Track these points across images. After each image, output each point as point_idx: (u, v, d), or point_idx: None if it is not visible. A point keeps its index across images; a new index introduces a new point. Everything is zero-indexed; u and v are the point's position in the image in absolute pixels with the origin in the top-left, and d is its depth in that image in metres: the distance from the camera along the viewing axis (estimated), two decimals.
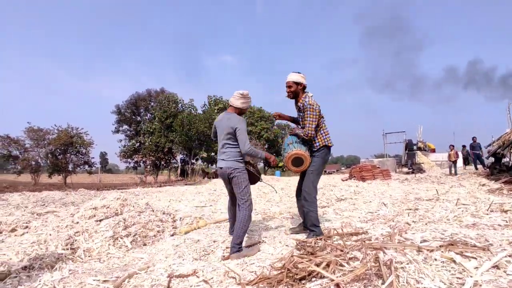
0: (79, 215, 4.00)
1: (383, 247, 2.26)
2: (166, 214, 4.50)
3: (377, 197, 6.07)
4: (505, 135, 9.56)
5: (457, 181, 8.92)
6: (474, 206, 4.07)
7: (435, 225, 3.28)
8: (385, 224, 3.60)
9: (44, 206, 6.97)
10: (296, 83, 3.20)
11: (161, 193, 10.88)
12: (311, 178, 3.20)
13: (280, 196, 7.39)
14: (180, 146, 26.75)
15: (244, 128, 3.00)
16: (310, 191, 3.18)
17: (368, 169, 11.83)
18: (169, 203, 7.49)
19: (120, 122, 31.55)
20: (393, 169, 17.28)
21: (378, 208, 4.84)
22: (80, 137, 21.28)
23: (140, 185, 18.36)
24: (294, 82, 3.20)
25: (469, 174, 12.01)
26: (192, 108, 30.02)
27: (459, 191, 5.86)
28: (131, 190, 13.04)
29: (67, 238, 3.30)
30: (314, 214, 3.13)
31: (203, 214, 5.35)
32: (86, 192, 11.42)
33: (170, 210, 5.91)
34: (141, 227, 3.78)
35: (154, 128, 28.84)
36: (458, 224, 3.31)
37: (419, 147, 22.00)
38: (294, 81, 3.20)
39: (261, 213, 5.23)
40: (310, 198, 3.16)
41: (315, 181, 3.22)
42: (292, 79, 3.21)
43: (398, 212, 4.33)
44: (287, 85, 3.24)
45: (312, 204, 3.15)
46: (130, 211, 4.20)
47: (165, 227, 4.05)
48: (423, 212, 4.03)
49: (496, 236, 2.66)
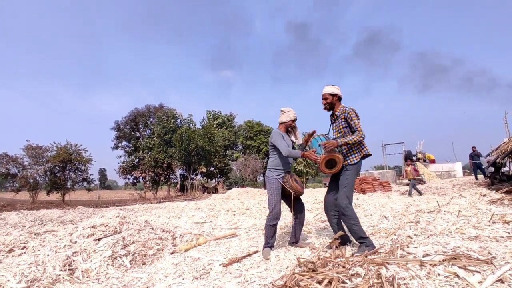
0: (77, 234, 3.95)
1: (385, 263, 2.23)
2: (165, 232, 4.45)
3: (378, 210, 6.03)
4: (504, 144, 9.58)
5: (458, 192, 8.88)
6: (476, 218, 4.04)
7: (437, 238, 3.25)
8: (386, 238, 3.56)
9: (42, 225, 6.89)
10: (332, 94, 3.27)
11: (161, 209, 10.78)
12: (345, 192, 3.11)
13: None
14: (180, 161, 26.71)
15: (277, 138, 3.40)
16: (347, 205, 3.09)
17: (368, 182, 11.80)
18: (168, 219, 7.42)
19: (119, 138, 31.62)
20: (393, 180, 17.23)
21: (379, 221, 4.80)
22: (79, 154, 21.28)
23: (139, 201, 18.22)
24: (330, 94, 3.27)
25: (470, 184, 11.97)
26: (191, 123, 30.17)
27: (460, 202, 5.82)
28: (130, 206, 12.92)
29: (65, 258, 3.25)
30: (357, 227, 3.03)
31: (203, 231, 5.30)
32: (85, 210, 11.31)
33: (170, 227, 5.87)
34: (141, 245, 3.73)
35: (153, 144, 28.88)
36: (460, 237, 3.28)
37: (419, 158, 21.99)
38: (330, 93, 3.27)
39: (261, 228, 5.17)
40: (349, 211, 3.07)
41: (350, 195, 3.13)
42: (328, 92, 3.28)
43: (399, 225, 4.30)
44: (323, 97, 3.30)
45: (352, 217, 3.06)
46: (129, 229, 4.16)
47: (165, 245, 4.00)
48: (425, 225, 3.99)
49: (499, 249, 2.64)
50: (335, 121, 3.33)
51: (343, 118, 3.19)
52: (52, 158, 19.86)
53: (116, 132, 31.52)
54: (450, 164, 21.96)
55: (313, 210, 6.92)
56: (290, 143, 3.51)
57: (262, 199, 10.98)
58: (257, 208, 8.21)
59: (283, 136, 3.44)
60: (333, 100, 3.27)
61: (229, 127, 34.95)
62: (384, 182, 12.38)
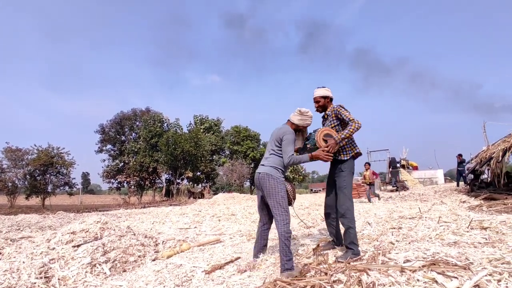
0: (55, 240, 3.82)
1: (367, 269, 2.25)
2: (148, 238, 4.37)
3: (362, 216, 6.09)
4: (482, 152, 9.90)
5: (439, 198, 9.10)
6: (455, 224, 4.14)
7: (418, 244, 3.30)
8: (369, 244, 3.60)
9: (19, 231, 6.65)
10: (323, 97, 3.30)
11: (145, 214, 10.58)
12: (346, 194, 3.12)
13: None
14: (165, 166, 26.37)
15: (290, 139, 2.92)
16: (349, 206, 3.09)
17: (353, 188, 11.90)
18: (152, 225, 7.28)
19: (104, 141, 31.04)
20: (377, 187, 17.49)
21: (363, 227, 4.84)
22: (61, 157, 20.73)
23: (123, 206, 17.86)
24: (322, 96, 3.29)
25: (450, 191, 12.29)
26: (177, 127, 29.90)
27: (441, 208, 5.95)
28: (113, 211, 12.64)
29: (41, 265, 3.14)
30: (354, 231, 3.04)
31: (187, 237, 5.22)
32: (65, 215, 11.00)
33: (153, 232, 5.76)
34: (121, 252, 3.64)
35: (138, 148, 28.46)
36: (440, 243, 3.34)
37: (403, 165, 22.46)
38: (321, 96, 3.29)
39: (246, 235, 5.14)
40: (350, 214, 3.07)
41: (350, 196, 3.16)
42: (319, 94, 3.30)
43: (382, 231, 4.35)
44: (315, 100, 3.31)
45: (352, 220, 3.06)
46: (110, 235, 4.06)
47: (147, 252, 3.92)
48: (407, 231, 4.05)
49: (477, 254, 2.70)
50: (325, 121, 3.38)
51: (334, 116, 3.23)
52: (33, 161, 19.26)
53: (100, 135, 30.93)
54: (432, 171, 22.54)
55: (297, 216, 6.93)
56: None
57: (248, 205, 10.93)
58: (242, 213, 8.16)
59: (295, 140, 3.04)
60: (325, 102, 3.31)
61: (216, 132, 34.82)
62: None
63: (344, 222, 3.08)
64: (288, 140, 2.90)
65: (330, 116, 3.28)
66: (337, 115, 3.20)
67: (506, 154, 8.45)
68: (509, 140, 8.62)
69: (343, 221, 3.10)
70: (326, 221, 3.49)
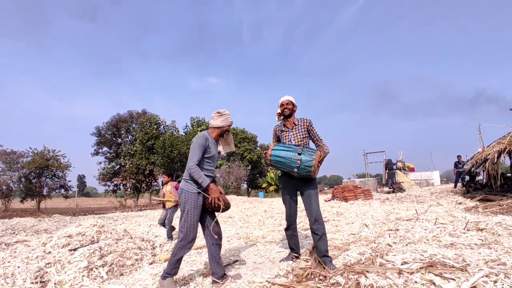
0: (51, 244, 3.79)
1: (365, 271, 2.26)
2: (145, 241, 4.34)
3: (359, 218, 6.11)
4: (478, 154, 9.98)
5: (436, 200, 9.15)
6: (452, 225, 4.16)
7: (415, 245, 3.32)
8: (367, 246, 3.61)
9: (14, 235, 6.58)
10: (293, 103, 3.37)
11: (141, 217, 10.53)
12: (317, 201, 3.14)
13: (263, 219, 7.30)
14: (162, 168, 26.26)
15: (196, 143, 2.75)
16: (320, 213, 3.10)
17: (350, 190, 11.94)
18: (149, 228, 7.25)
19: (100, 144, 30.86)
20: (374, 188, 17.55)
21: (360, 229, 4.87)
22: (56, 160, 20.59)
23: (120, 209, 17.76)
24: (292, 102, 3.36)
25: (447, 192, 12.36)
26: (174, 129, 29.83)
27: (437, 210, 5.99)
28: (109, 214, 12.57)
29: (37, 270, 3.10)
30: (326, 238, 3.04)
31: None
32: (61, 218, 10.92)
33: (150, 236, 5.73)
34: (118, 255, 3.62)
35: (135, 150, 28.32)
36: (437, 244, 3.36)
37: (399, 168, 22.57)
38: (292, 102, 3.37)
39: (243, 237, 5.13)
40: (322, 220, 3.07)
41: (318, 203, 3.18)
42: (291, 99, 3.36)
43: (379, 233, 4.37)
44: (287, 103, 3.34)
45: (324, 227, 3.06)
46: (107, 238, 4.03)
47: (144, 255, 3.90)
48: (404, 233, 4.07)
49: (473, 256, 2.72)
50: (290, 130, 3.33)
51: (305, 128, 3.29)
52: (28, 164, 19.10)
53: (96, 138, 30.76)
54: (429, 172, 22.67)
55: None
56: (217, 155, 2.98)
57: (245, 207, 10.92)
58: (240, 216, 8.15)
59: (209, 145, 2.82)
60: (293, 108, 3.37)
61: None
62: (366, 190, 12.58)
63: (319, 230, 3.00)
64: (193, 145, 2.76)
65: (298, 126, 3.31)
66: (308, 128, 3.30)
67: (501, 156, 8.52)
68: (504, 141, 8.70)
69: (317, 228, 3.00)
70: (288, 234, 3.42)
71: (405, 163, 24.35)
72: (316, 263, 2.92)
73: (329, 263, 2.89)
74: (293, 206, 3.35)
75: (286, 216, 3.40)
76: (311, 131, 3.31)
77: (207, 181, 2.67)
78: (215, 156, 2.92)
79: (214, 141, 2.95)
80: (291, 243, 3.42)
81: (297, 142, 3.25)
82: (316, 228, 3.00)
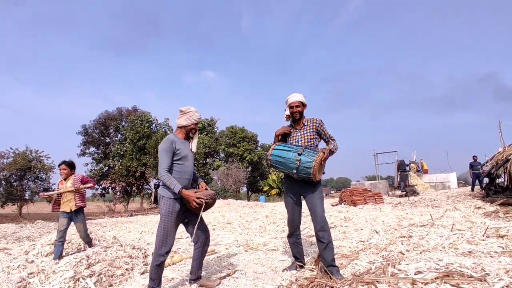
0: (34, 252, 3.81)
1: (375, 282, 2.26)
2: (136, 249, 4.36)
3: (369, 223, 6.12)
4: (498, 154, 9.97)
5: (452, 204, 9.15)
6: (470, 232, 4.17)
7: (430, 253, 3.33)
8: (377, 254, 3.62)
9: None
10: (303, 103, 3.33)
11: (132, 223, 10.56)
12: (322, 206, 3.12)
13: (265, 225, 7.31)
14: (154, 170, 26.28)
15: (161, 150, 2.82)
16: (326, 219, 3.08)
17: (359, 193, 11.95)
18: (140, 235, 7.26)
19: (87, 143, 30.93)
20: (385, 192, 17.56)
21: (370, 236, 4.87)
22: (39, 161, 20.65)
23: (108, 214, 17.80)
24: (302, 102, 3.32)
25: (464, 196, 12.36)
26: (167, 128, 29.85)
27: (454, 215, 5.99)
28: (97, 220, 12.60)
29: (19, 281, 3.12)
30: (333, 246, 3.04)
31: (178, 248, 5.20)
32: (45, 224, 10.94)
33: (142, 243, 5.74)
34: (107, 265, 3.63)
35: (125, 151, 28.35)
36: (453, 252, 3.37)
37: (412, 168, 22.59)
38: (302, 102, 3.32)
39: (243, 245, 5.14)
40: (328, 227, 3.05)
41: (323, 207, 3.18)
42: (300, 100, 3.31)
43: (391, 240, 4.37)
44: (296, 105, 3.29)
45: (330, 234, 3.06)
46: (94, 246, 4.05)
47: (135, 264, 3.91)
48: (417, 240, 4.08)
49: (493, 265, 2.72)
50: (298, 130, 3.33)
51: (314, 128, 3.28)
52: (8, 166, 19.14)
53: (83, 137, 30.83)
54: (445, 174, 22.66)
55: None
56: (190, 153, 3.02)
57: (244, 212, 10.94)
58: (239, 222, 8.16)
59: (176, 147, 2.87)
60: (303, 109, 3.35)
61: (209, 133, 34.81)
62: (376, 194, 12.58)
63: (324, 236, 2.98)
64: (160, 151, 2.83)
65: (307, 126, 3.30)
66: (318, 129, 3.28)
67: None
68: None
69: (323, 235, 2.98)
70: (291, 241, 3.40)
71: (421, 161, 24.33)
72: (322, 272, 2.92)
73: (336, 272, 2.89)
74: (296, 211, 3.33)
75: (288, 222, 3.37)
76: (321, 131, 3.28)
77: (179, 186, 2.73)
78: (188, 156, 2.97)
79: (183, 141, 3.01)
80: (295, 251, 3.42)
81: (304, 143, 3.25)
82: (322, 235, 2.99)
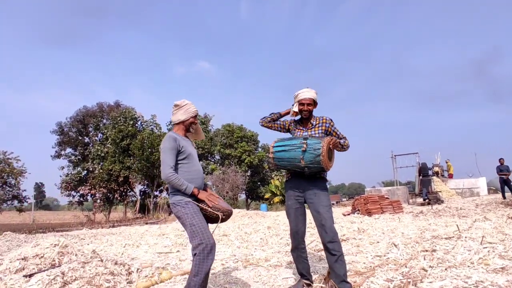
0: (2, 268, 3.81)
1: None
2: (119, 265, 4.34)
3: (386, 236, 6.12)
4: None
5: (482, 213, 9.14)
6: (503, 245, 4.17)
7: (457, 270, 3.32)
8: (396, 271, 3.61)
9: None
10: (315, 102, 3.35)
11: (114, 235, 10.56)
12: (330, 214, 3.11)
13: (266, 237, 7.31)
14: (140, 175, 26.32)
15: (164, 148, 2.82)
16: (335, 228, 3.07)
17: (374, 201, 11.96)
18: (124, 249, 7.27)
19: (63, 144, 30.99)
20: (405, 199, 17.57)
21: (387, 250, 4.87)
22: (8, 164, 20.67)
23: (87, 225, 17.82)
24: (314, 100, 3.33)
25: (495, 204, 12.36)
26: (154, 126, 29.87)
27: (484, 226, 6.00)
28: (74, 232, 12.61)
29: None
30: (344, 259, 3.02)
31: (167, 264, 5.21)
32: (14, 237, 10.95)
33: (125, 258, 5.74)
34: (85, 282, 3.62)
35: (106, 152, 28.40)
36: (484, 268, 3.36)
37: (436, 172, 22.54)
38: (314, 99, 3.33)
39: (241, 260, 5.14)
40: (338, 237, 3.05)
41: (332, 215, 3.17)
42: (313, 97, 3.32)
43: (411, 255, 4.37)
44: (308, 102, 3.29)
45: (341, 245, 3.05)
46: (71, 261, 4.05)
47: (117, 282, 3.90)
48: (442, 254, 4.07)
49: None
50: (306, 130, 3.36)
51: (324, 129, 3.31)
52: None
53: (58, 137, 30.91)
54: (473, 179, 22.62)
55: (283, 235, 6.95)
56: (194, 151, 3.07)
57: (243, 223, 10.94)
58: (237, 234, 8.16)
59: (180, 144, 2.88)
60: (314, 108, 3.37)
61: (203, 131, 34.88)
62: (394, 202, 12.60)
63: (335, 248, 2.96)
64: (163, 150, 2.83)
65: (316, 126, 3.33)
66: (328, 130, 3.32)
67: None
68: None
69: (333, 247, 2.96)
70: (295, 256, 3.36)
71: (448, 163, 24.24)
72: None
73: None
74: (300, 220, 3.30)
75: (291, 233, 3.34)
76: (332, 132, 3.32)
77: (191, 187, 2.74)
78: (193, 154, 2.99)
79: (184, 138, 3.03)
80: (300, 268, 3.40)
81: None
82: (332, 247, 2.96)
